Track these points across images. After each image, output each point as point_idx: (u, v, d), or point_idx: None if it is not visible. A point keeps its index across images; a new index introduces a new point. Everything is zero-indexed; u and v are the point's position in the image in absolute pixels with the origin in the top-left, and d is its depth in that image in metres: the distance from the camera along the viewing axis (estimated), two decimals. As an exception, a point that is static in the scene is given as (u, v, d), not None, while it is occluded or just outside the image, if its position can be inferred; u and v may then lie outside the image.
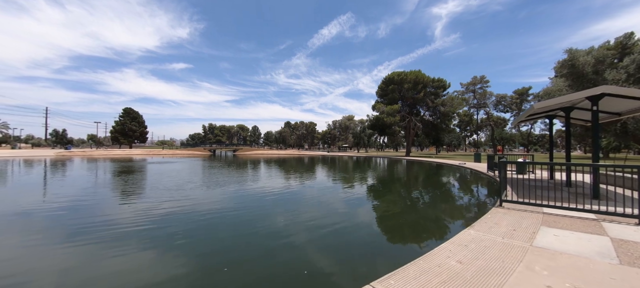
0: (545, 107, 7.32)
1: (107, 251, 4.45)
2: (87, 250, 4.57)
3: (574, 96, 6.63)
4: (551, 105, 7.12)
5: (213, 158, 46.64)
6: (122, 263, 4.07)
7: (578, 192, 7.34)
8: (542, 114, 10.73)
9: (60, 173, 17.29)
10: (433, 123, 41.81)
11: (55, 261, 4.13)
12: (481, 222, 4.66)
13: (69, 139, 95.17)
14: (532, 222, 4.63)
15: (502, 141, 60.55)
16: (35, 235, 5.37)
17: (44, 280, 3.55)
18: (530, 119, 11.52)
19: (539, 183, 9.23)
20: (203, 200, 8.71)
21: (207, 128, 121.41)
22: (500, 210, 5.51)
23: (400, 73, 40.25)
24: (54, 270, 3.83)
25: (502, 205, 5.87)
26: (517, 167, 12.92)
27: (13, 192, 10.57)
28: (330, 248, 4.73)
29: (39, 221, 6.38)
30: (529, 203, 5.66)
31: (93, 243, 4.80)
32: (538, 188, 8.12)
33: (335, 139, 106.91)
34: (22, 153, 47.70)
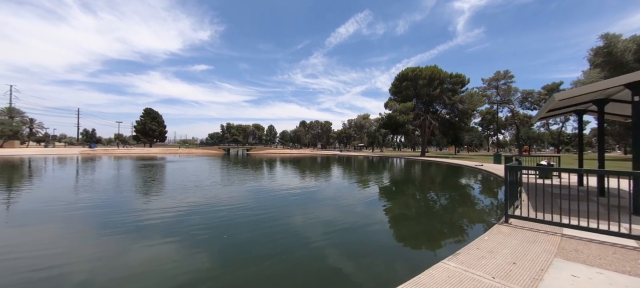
0: (568, 98, 5.90)
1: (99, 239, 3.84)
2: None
3: (608, 83, 5.21)
4: (577, 95, 5.71)
5: (226, 157, 47.08)
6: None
7: (613, 204, 5.87)
8: (569, 109, 9.10)
9: (72, 170, 17.68)
10: (450, 121, 39.36)
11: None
12: (471, 248, 3.52)
13: (97, 138, 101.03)
14: (543, 250, 3.43)
15: (529, 141, 56.21)
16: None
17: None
18: (553, 114, 9.88)
19: (563, 192, 7.73)
20: (185, 199, 8.10)
21: (225, 127, 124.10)
22: (504, 229, 4.31)
23: (415, 69, 38.19)
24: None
25: (509, 222, 4.64)
26: (540, 171, 11.27)
27: (25, 186, 10.59)
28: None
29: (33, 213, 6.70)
30: (545, 221, 4.39)
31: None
32: (562, 198, 6.69)
33: (351, 138, 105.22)
34: (50, 151, 50.79)
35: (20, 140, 67.32)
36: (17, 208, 7.39)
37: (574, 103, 7.81)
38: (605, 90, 6.22)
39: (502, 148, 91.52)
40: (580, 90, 5.48)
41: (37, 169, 18.44)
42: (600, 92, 6.23)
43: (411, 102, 37.10)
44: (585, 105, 8.43)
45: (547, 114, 9.19)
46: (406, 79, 38.26)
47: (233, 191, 10.56)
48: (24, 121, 72.92)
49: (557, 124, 56.64)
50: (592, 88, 5.39)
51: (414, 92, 39.19)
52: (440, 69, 37.64)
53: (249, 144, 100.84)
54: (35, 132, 79.55)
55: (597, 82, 5.35)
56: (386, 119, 39.99)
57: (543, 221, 4.38)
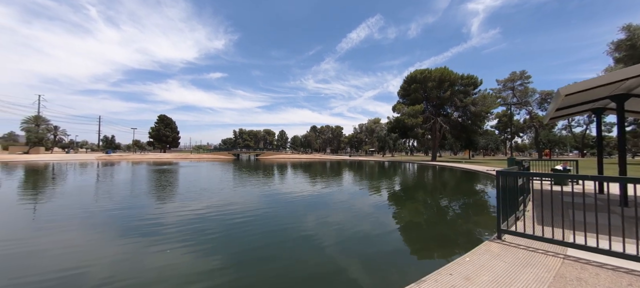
0: (576, 93, 5.09)
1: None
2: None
3: (625, 73, 4.42)
4: (586, 89, 4.90)
5: (236, 162, 47.36)
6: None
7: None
8: (585, 107, 8.13)
9: (83, 175, 18.06)
10: (463, 124, 37.71)
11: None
12: (441, 274, 2.87)
13: (116, 144, 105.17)
14: (535, 278, 2.74)
15: (550, 144, 53.11)
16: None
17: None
18: (567, 113, 8.87)
19: (580, 201, 6.80)
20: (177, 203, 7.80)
21: (238, 133, 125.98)
22: (494, 248, 3.60)
23: (424, 71, 37.01)
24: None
25: (502, 239, 3.92)
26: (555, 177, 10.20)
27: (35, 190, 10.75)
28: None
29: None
30: (545, 238, 3.64)
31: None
32: (575, 208, 5.81)
33: (362, 143, 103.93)
34: (70, 157, 53.02)
35: (45, 147, 70.82)
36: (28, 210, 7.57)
37: (588, 100, 6.91)
38: (624, 83, 5.36)
39: (521, 153, 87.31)
40: (590, 82, 4.69)
41: (53, 174, 19.06)
42: (617, 85, 5.38)
43: (420, 105, 35.84)
44: (603, 103, 7.48)
45: (558, 113, 8.26)
46: (415, 82, 37.12)
47: (219, 194, 10.19)
48: (49, 128, 76.79)
49: (580, 126, 53.39)
50: (605, 79, 4.60)
51: (424, 95, 37.93)
52: (450, 71, 36.28)
53: (260, 149, 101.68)
54: (59, 139, 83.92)
55: (611, 73, 4.55)
56: (394, 122, 38.85)
57: (542, 238, 3.63)
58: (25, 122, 70.37)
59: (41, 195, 10.39)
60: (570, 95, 5.48)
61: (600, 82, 4.65)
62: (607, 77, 4.56)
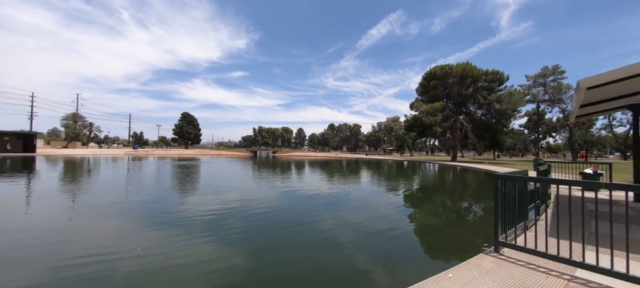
0: (600, 85, 4.37)
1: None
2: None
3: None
4: (613, 80, 4.19)
5: (253, 159, 48.25)
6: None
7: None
8: (618, 103, 7.13)
9: (109, 167, 19.19)
10: (486, 123, 35.54)
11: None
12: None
13: (144, 140, 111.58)
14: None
15: (587, 145, 48.75)
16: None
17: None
18: (598, 111, 7.86)
19: (608, 210, 5.97)
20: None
21: (257, 131, 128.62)
22: (486, 262, 3.14)
23: (444, 66, 35.23)
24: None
25: (499, 252, 3.43)
26: (584, 180, 9.14)
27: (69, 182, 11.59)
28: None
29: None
30: (548, 255, 3.10)
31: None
32: (602, 219, 5.07)
33: (380, 141, 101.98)
34: (102, 151, 56.86)
35: (81, 142, 76.42)
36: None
37: (622, 94, 6.02)
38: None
39: (553, 154, 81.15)
40: (616, 73, 3.99)
41: (87, 167, 20.66)
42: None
43: (439, 103, 34.20)
44: (638, 97, 6.50)
45: (585, 110, 7.33)
46: (435, 78, 35.47)
47: (234, 191, 10.23)
48: (85, 125, 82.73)
49: (622, 125, 48.55)
50: (637, 69, 3.89)
51: (444, 92, 36.17)
52: (473, 66, 34.26)
53: (278, 147, 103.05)
54: (94, 135, 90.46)
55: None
56: (411, 120, 37.43)
57: (546, 255, 3.10)
58: (64, 119, 76.27)
59: (75, 187, 11.34)
60: (595, 89, 4.75)
61: (629, 72, 3.94)
62: (637, 66, 3.85)
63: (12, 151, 41.67)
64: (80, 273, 3.63)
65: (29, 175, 14.38)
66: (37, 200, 8.61)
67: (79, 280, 3.45)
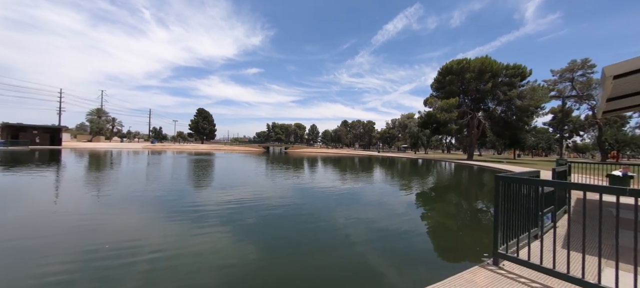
0: (630, 73, 3.74)
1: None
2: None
3: None
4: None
5: (265, 154, 48.66)
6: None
7: None
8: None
9: (127, 160, 19.89)
10: (506, 120, 33.68)
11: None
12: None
13: (163, 135, 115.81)
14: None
15: (618, 145, 45.20)
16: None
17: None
18: (627, 106, 6.96)
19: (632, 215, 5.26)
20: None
21: (270, 127, 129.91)
22: (481, 277, 2.72)
23: (461, 60, 33.61)
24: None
25: (499, 265, 2.98)
26: (612, 183, 8.26)
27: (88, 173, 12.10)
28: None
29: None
30: (555, 273, 2.62)
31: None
32: (625, 227, 4.46)
33: (395, 138, 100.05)
34: (122, 145, 59.45)
35: (105, 136, 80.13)
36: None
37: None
38: None
39: (581, 154, 76.23)
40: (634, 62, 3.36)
41: (110, 159, 21.67)
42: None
43: (455, 99, 32.69)
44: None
45: (615, 105, 6.52)
46: (451, 73, 33.95)
47: (242, 186, 10.15)
48: (108, 120, 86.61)
49: None
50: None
51: (461, 88, 34.59)
52: (492, 60, 32.46)
53: (290, 143, 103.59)
54: (116, 130, 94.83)
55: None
56: (425, 117, 36.11)
57: (553, 272, 2.62)
58: (89, 114, 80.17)
59: (96, 177, 12.31)
60: (623, 79, 4.11)
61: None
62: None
63: (41, 144, 44.32)
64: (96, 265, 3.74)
65: (52, 166, 15.32)
66: (56, 188, 8.97)
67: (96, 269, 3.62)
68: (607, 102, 6.21)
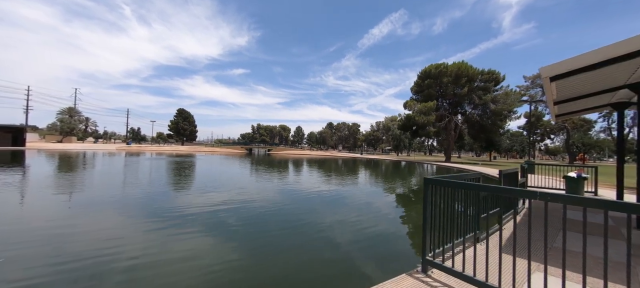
0: (565, 72, 3.73)
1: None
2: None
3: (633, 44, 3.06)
4: (581, 68, 3.57)
5: (247, 156, 47.62)
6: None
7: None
8: (604, 102, 6.48)
9: (89, 162, 18.62)
10: (481, 123, 34.84)
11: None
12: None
13: (142, 136, 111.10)
14: None
15: (585, 148, 47.99)
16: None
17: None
18: (579, 110, 7.21)
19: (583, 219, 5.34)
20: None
21: (255, 128, 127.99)
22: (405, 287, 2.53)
23: (439, 65, 34.49)
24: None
25: (427, 272, 2.81)
26: (567, 184, 8.52)
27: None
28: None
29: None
30: (480, 284, 2.47)
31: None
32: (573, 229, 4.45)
33: (379, 141, 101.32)
34: (93, 146, 56.44)
35: (77, 136, 75.80)
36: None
37: (604, 89, 5.37)
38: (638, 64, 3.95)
39: (552, 156, 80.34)
40: (583, 58, 3.34)
41: (73, 161, 19.89)
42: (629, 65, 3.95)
43: (432, 102, 33.46)
44: (624, 95, 5.86)
45: (565, 108, 6.69)
46: (429, 77, 34.74)
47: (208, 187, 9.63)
48: (81, 120, 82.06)
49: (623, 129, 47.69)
50: (609, 52, 3.25)
51: (438, 91, 35.45)
52: (469, 65, 33.52)
53: (275, 145, 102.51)
54: (90, 130, 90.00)
55: (616, 44, 3.19)
56: (405, 119, 36.75)
57: (479, 283, 2.47)
58: (59, 113, 75.66)
59: (50, 181, 10.62)
60: (566, 79, 4.12)
61: (593, 59, 3.30)
62: (607, 49, 3.21)
63: (1, 145, 41.18)
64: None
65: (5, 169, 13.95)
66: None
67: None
68: (558, 105, 6.35)
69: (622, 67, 4.10)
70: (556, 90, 4.87)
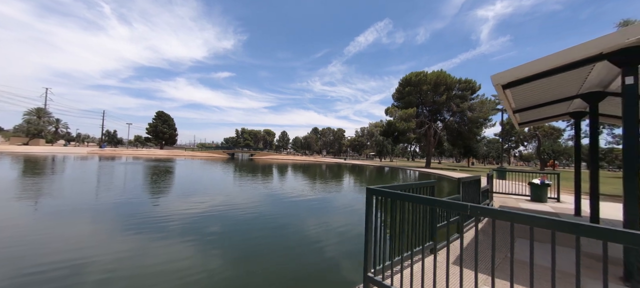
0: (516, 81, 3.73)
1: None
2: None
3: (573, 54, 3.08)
4: (531, 76, 3.57)
5: (228, 161, 46.38)
6: None
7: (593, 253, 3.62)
8: (562, 111, 6.70)
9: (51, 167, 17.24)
10: (459, 130, 35.94)
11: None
12: None
13: (118, 139, 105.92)
14: None
15: (555, 155, 50.64)
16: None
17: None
18: (540, 118, 7.45)
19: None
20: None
21: (240, 132, 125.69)
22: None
23: (419, 73, 35.42)
24: None
25: (369, 286, 2.63)
26: (532, 190, 8.76)
27: None
28: None
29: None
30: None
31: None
32: (520, 237, 4.48)
33: (363, 146, 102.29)
34: (62, 149, 53.21)
35: (45, 139, 71.14)
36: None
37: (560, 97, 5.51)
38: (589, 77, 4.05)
39: (527, 163, 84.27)
40: (534, 65, 3.34)
41: (31, 166, 18.29)
42: (578, 75, 4.03)
43: (412, 109, 34.21)
44: (579, 105, 6.07)
45: (528, 117, 6.85)
46: (410, 84, 35.54)
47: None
48: (51, 121, 77.23)
49: (587, 136, 50.85)
50: (554, 61, 3.26)
51: (419, 99, 36.29)
52: (447, 74, 34.62)
53: (259, 149, 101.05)
54: (61, 132, 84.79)
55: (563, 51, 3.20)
56: (386, 125, 37.29)
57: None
58: (26, 114, 70.87)
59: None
60: (519, 87, 4.15)
61: (547, 64, 3.29)
62: (555, 57, 3.22)
63: (-46, 147, 37.78)
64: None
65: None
66: None
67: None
68: (519, 114, 6.48)
69: (572, 76, 4.19)
70: (512, 99, 4.93)
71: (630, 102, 3.00)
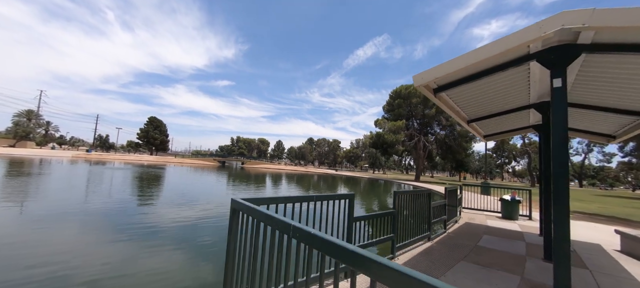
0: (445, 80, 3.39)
1: None
2: None
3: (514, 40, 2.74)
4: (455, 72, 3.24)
5: (218, 169, 45.54)
6: None
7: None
8: (526, 123, 6.38)
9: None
10: (448, 144, 35.80)
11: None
12: None
13: (110, 143, 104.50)
14: None
15: (546, 171, 50.75)
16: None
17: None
18: (506, 131, 7.13)
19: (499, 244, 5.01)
20: None
21: (235, 140, 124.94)
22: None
23: (409, 86, 35.49)
24: None
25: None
26: (503, 206, 8.36)
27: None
28: None
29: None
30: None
31: None
32: (482, 255, 4.05)
33: (358, 158, 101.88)
34: (48, 152, 52.20)
35: (35, 141, 69.97)
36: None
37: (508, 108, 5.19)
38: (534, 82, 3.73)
39: (519, 179, 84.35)
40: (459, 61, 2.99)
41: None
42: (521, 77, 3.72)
43: (401, 121, 34.07)
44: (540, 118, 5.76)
45: (493, 129, 6.53)
46: (399, 97, 35.55)
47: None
48: (40, 124, 76.16)
49: (578, 154, 51.13)
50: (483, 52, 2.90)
51: (409, 111, 36.23)
52: (437, 87, 34.67)
53: (252, 158, 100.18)
54: (58, 136, 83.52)
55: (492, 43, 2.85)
56: (375, 137, 37.05)
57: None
58: (16, 116, 69.88)
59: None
60: (452, 90, 3.80)
61: (477, 57, 2.90)
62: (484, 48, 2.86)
63: None
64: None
65: None
66: None
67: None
68: (479, 124, 6.14)
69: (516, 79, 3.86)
70: (460, 107, 4.58)
71: (558, 109, 2.65)
